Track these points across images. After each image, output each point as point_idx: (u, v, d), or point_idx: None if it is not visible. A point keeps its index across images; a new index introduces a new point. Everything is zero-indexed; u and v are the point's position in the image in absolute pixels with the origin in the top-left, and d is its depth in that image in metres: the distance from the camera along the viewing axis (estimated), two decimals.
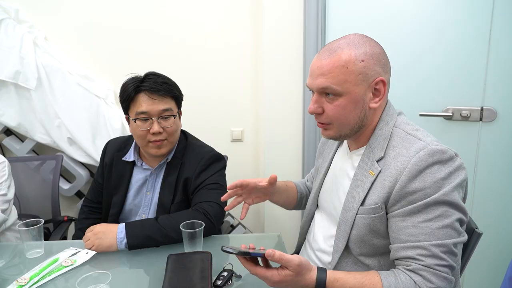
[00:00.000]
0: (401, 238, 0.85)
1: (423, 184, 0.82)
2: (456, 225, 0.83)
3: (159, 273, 1.00)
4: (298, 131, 1.95)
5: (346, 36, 0.92)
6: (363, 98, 0.89)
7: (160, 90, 1.25)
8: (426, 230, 0.82)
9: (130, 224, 1.17)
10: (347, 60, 0.86)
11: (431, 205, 0.82)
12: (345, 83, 0.87)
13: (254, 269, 0.85)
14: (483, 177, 1.75)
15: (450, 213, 0.82)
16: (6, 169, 1.36)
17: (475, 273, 1.80)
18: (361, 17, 1.77)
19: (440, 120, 1.77)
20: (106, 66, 1.96)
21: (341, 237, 0.96)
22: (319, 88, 0.89)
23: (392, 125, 0.93)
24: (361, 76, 0.87)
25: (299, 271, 0.82)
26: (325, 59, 0.88)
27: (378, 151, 0.91)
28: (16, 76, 1.79)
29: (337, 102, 0.89)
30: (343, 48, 0.87)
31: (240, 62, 1.97)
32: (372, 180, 0.90)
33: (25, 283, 0.96)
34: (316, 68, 0.90)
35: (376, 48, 0.90)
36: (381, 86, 0.90)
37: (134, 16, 1.91)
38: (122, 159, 1.38)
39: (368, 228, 0.91)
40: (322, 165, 1.14)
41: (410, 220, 0.84)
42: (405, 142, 0.88)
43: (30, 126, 1.89)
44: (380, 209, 0.88)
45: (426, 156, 0.83)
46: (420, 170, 0.83)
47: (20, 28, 1.82)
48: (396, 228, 0.86)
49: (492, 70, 1.65)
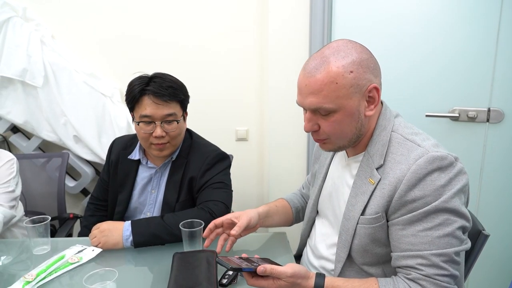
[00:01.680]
0: (401, 247, 0.84)
1: (423, 192, 0.81)
2: (458, 233, 0.81)
3: (164, 271, 1.01)
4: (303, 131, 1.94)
5: (330, 45, 0.87)
6: (358, 109, 0.86)
7: (165, 95, 1.23)
8: (426, 239, 0.81)
9: (136, 222, 1.17)
10: (335, 74, 0.82)
11: (431, 213, 0.81)
12: (337, 99, 0.83)
13: (252, 281, 0.85)
14: (490, 179, 1.74)
15: (451, 221, 0.81)
16: (15, 166, 1.37)
17: (481, 275, 1.79)
18: (367, 18, 1.76)
19: (446, 121, 1.76)
20: (112, 64, 1.97)
21: (342, 246, 0.95)
22: (311, 107, 0.86)
23: (389, 130, 0.90)
24: (353, 88, 0.83)
25: (293, 281, 0.82)
26: (312, 76, 0.84)
27: (377, 158, 0.89)
28: (23, 74, 1.81)
29: (333, 118, 0.86)
30: (329, 62, 0.82)
31: (246, 62, 1.97)
32: (372, 188, 0.88)
33: (32, 279, 0.96)
34: (304, 87, 0.86)
35: (363, 53, 0.85)
36: (374, 93, 0.86)
37: (140, 16, 1.91)
38: (128, 158, 1.39)
39: (370, 238, 0.90)
40: (319, 171, 1.12)
41: (410, 229, 0.83)
42: (404, 148, 0.86)
43: (36, 124, 1.90)
44: (381, 218, 0.87)
45: (426, 163, 0.81)
46: (419, 178, 0.81)
47: (28, 26, 1.83)
48: (396, 237, 0.85)
49: (499, 71, 1.64)
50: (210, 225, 1.04)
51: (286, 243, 1.21)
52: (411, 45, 1.73)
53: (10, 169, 1.35)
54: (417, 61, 1.73)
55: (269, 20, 1.84)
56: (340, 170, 1.02)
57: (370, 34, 1.76)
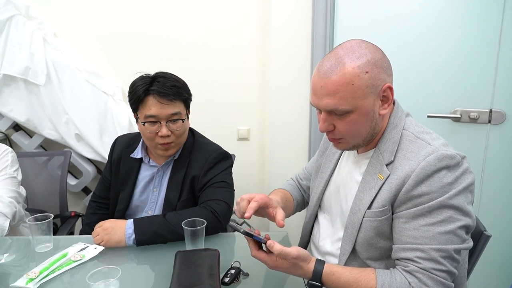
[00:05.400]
0: (402, 240, 0.85)
1: (430, 188, 0.82)
2: (460, 232, 0.82)
3: (167, 270, 1.01)
4: (304, 130, 1.95)
5: (343, 45, 0.87)
6: (373, 109, 0.87)
7: (170, 95, 1.23)
8: (427, 233, 0.82)
9: (138, 220, 1.18)
10: (351, 76, 0.82)
11: (435, 209, 0.82)
12: (353, 100, 0.84)
13: (256, 252, 0.88)
14: (491, 180, 1.74)
15: (455, 219, 0.81)
16: (9, 155, 1.39)
17: (483, 275, 1.79)
18: (369, 17, 1.77)
19: (448, 122, 1.76)
20: (114, 63, 1.97)
21: (348, 240, 0.96)
22: (327, 109, 0.87)
23: (401, 128, 0.92)
24: (368, 88, 0.84)
25: (296, 263, 0.85)
26: (327, 77, 0.84)
27: (387, 155, 0.90)
28: (26, 72, 1.81)
29: (349, 118, 0.87)
30: (344, 63, 0.83)
31: (247, 61, 1.97)
32: (381, 183, 0.89)
33: (35, 276, 0.97)
34: (320, 88, 0.86)
35: (377, 53, 0.86)
36: (388, 92, 0.87)
37: (142, 14, 1.92)
38: (130, 156, 1.39)
39: (375, 231, 0.91)
40: (325, 165, 1.12)
41: (413, 222, 0.84)
42: (414, 146, 0.88)
43: (38, 122, 1.90)
44: (388, 211, 0.88)
45: (435, 160, 0.82)
46: (428, 174, 0.82)
47: (30, 25, 1.83)
48: (399, 229, 0.87)
49: (501, 72, 1.64)
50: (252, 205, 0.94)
51: (288, 243, 1.21)
52: (413, 44, 1.73)
53: (4, 158, 1.37)
54: (419, 61, 1.74)
55: (271, 19, 1.84)
56: (349, 165, 1.03)
57: (372, 33, 1.76)
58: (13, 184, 1.34)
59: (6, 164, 1.36)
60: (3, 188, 1.30)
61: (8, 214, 1.24)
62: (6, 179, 1.33)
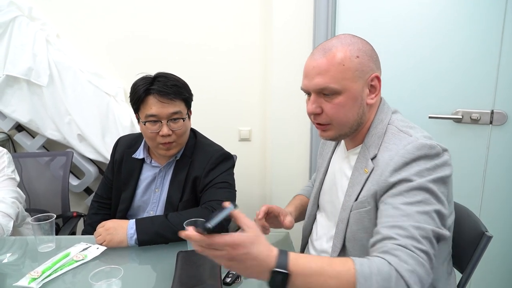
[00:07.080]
0: (381, 221, 0.81)
1: (408, 174, 0.82)
2: (435, 216, 0.80)
3: (168, 270, 1.01)
4: (306, 131, 1.95)
5: (337, 36, 0.94)
6: (361, 95, 0.90)
7: (170, 94, 1.24)
8: (406, 212, 0.79)
9: (140, 220, 1.18)
10: (342, 57, 0.87)
11: (413, 189, 0.80)
12: (343, 81, 0.88)
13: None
14: (493, 181, 1.74)
15: (431, 202, 0.80)
16: (5, 156, 1.40)
17: (484, 276, 1.79)
18: (371, 17, 1.77)
19: (449, 123, 1.76)
20: (116, 64, 1.98)
21: (338, 236, 0.96)
22: (317, 88, 0.90)
23: (386, 123, 0.94)
24: (358, 72, 0.88)
25: (256, 240, 0.71)
26: (320, 58, 0.89)
27: (372, 149, 0.92)
28: (29, 73, 1.82)
29: (337, 100, 0.89)
30: (337, 47, 0.89)
31: (249, 62, 1.98)
32: (366, 177, 0.90)
33: (38, 276, 0.97)
34: (311, 69, 0.90)
35: (367, 45, 0.92)
36: (376, 82, 0.91)
37: (144, 15, 1.92)
38: (132, 156, 1.40)
39: (358, 225, 0.91)
40: (321, 165, 1.15)
41: (391, 201, 0.82)
42: (396, 138, 0.89)
43: (41, 122, 1.91)
44: (367, 204, 0.88)
45: (414, 149, 0.83)
46: (406, 162, 0.83)
47: (33, 26, 1.84)
48: (380, 214, 0.84)
49: (503, 73, 1.63)
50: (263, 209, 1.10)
51: (290, 243, 1.22)
52: (414, 45, 1.73)
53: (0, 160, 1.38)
54: (421, 62, 1.73)
55: (272, 19, 1.84)
56: (340, 162, 1.05)
57: (374, 34, 1.75)
58: (13, 185, 1.34)
59: (3, 166, 1.37)
60: (4, 189, 1.31)
61: (11, 215, 1.24)
62: (5, 180, 1.34)
